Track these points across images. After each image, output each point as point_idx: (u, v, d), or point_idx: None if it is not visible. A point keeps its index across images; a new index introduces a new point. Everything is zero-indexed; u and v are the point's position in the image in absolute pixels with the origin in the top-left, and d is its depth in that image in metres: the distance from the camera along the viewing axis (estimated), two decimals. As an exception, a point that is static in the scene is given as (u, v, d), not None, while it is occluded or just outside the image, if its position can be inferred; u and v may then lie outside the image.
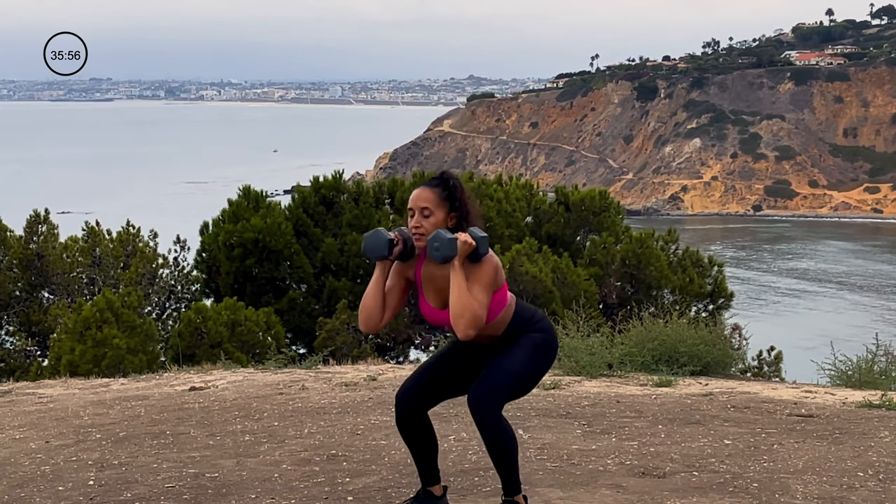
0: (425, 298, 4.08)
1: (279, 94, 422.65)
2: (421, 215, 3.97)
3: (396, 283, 4.09)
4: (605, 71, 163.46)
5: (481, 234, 3.94)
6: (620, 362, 8.63)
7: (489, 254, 3.94)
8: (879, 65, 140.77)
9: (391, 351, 16.04)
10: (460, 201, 4.01)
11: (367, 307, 4.06)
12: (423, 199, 3.98)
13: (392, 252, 4.01)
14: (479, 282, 3.90)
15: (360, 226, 16.83)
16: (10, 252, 15.70)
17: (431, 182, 4.04)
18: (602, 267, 16.65)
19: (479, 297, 3.88)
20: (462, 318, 3.83)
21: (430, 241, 3.88)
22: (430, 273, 4.03)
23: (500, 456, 4.01)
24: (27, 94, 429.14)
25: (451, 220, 3.99)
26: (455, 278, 3.86)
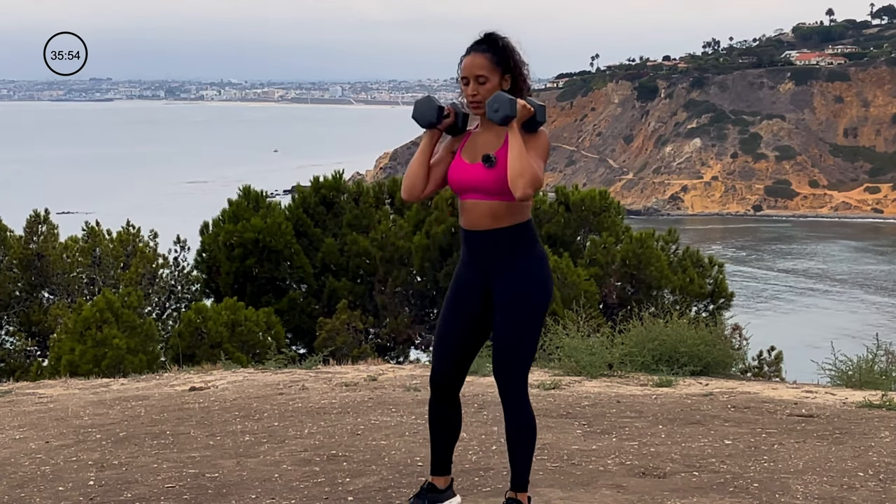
0: (461, 157, 4.00)
1: (279, 94, 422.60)
2: (477, 83, 3.92)
3: (444, 158, 4.04)
4: (605, 71, 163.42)
5: (539, 102, 3.90)
6: (620, 362, 8.63)
7: (543, 128, 3.91)
8: (880, 65, 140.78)
9: (391, 351, 16.04)
10: (514, 62, 3.96)
11: (411, 174, 4.01)
12: (478, 66, 3.92)
13: (441, 120, 3.97)
14: (536, 150, 3.87)
15: (360, 226, 16.84)
16: (10, 252, 15.71)
17: (480, 47, 3.96)
18: (602, 267, 16.65)
19: (536, 161, 3.84)
20: (522, 177, 3.76)
21: (490, 102, 3.83)
22: (473, 140, 4.00)
23: (518, 442, 3.99)
24: (27, 94, 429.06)
25: (505, 83, 3.95)
26: (514, 140, 3.80)
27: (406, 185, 4.03)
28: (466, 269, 4.06)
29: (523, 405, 3.99)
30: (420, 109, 3.99)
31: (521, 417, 3.98)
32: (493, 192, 3.90)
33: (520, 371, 3.96)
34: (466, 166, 3.95)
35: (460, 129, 4.03)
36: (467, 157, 3.98)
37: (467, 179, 3.95)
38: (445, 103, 4.03)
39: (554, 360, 8.79)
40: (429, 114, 3.97)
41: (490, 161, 3.88)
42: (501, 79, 3.94)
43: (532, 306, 3.96)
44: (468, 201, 3.97)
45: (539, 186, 3.80)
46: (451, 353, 4.09)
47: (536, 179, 3.78)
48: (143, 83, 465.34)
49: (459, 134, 4.05)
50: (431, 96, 4.04)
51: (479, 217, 3.95)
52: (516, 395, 3.97)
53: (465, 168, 3.96)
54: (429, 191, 4.04)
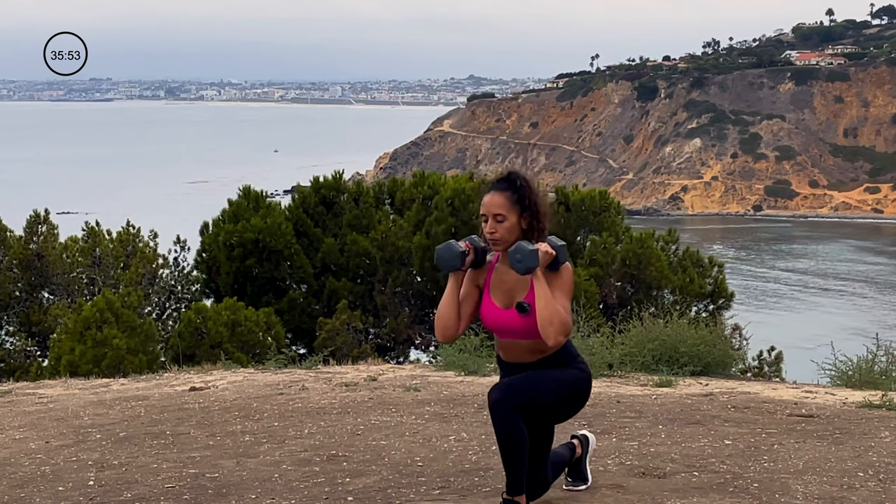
0: (490, 298, 4.11)
1: (279, 94, 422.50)
2: (495, 221, 4.03)
3: (470, 293, 4.15)
4: (605, 71, 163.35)
5: (560, 242, 4.02)
6: (621, 362, 8.63)
7: (567, 263, 4.02)
8: (879, 65, 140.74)
9: (391, 351, 16.04)
10: (531, 202, 4.06)
11: (443, 317, 4.12)
12: (496, 206, 4.04)
13: (464, 263, 4.08)
14: (561, 289, 3.99)
15: (360, 226, 16.83)
16: (10, 252, 15.70)
17: (500, 185, 4.08)
18: (602, 267, 16.64)
19: (563, 303, 3.96)
20: (552, 325, 3.90)
21: (512, 253, 3.95)
22: (499, 277, 4.10)
23: (506, 451, 4.03)
24: (27, 94, 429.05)
25: (524, 222, 4.05)
26: (540, 287, 3.92)
27: (440, 328, 4.14)
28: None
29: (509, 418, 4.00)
30: (443, 257, 4.10)
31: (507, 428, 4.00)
32: (531, 333, 4.04)
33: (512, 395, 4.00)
34: (500, 312, 4.08)
35: (481, 262, 4.13)
36: (498, 301, 4.10)
37: (504, 325, 4.09)
38: (463, 241, 4.11)
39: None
40: (453, 260, 4.08)
41: (525, 310, 4.01)
42: (520, 217, 4.05)
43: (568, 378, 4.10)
44: (507, 340, 4.12)
45: (569, 331, 3.95)
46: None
47: (566, 326, 3.93)
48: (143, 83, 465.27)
49: (480, 266, 4.15)
50: (451, 242, 4.13)
51: (519, 353, 4.12)
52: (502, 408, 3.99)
53: (499, 314, 4.09)
54: (462, 328, 4.17)
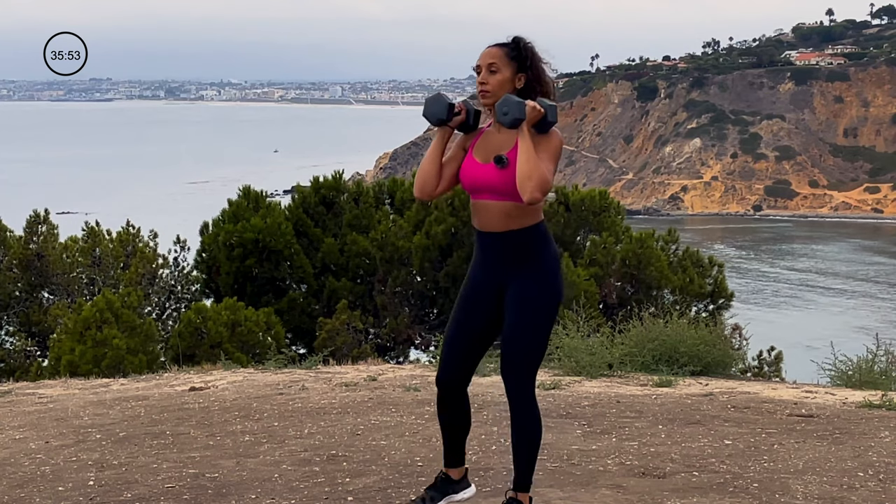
0: (472, 155, 3.98)
1: (279, 94, 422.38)
2: (488, 72, 3.91)
3: (456, 155, 4.02)
4: (605, 71, 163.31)
5: (550, 102, 3.87)
6: (620, 362, 8.63)
7: (555, 128, 3.89)
8: (879, 65, 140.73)
9: (391, 351, 16.04)
10: (531, 62, 3.94)
11: (423, 171, 3.98)
12: (490, 56, 3.92)
13: (451, 117, 3.94)
14: (547, 151, 3.84)
15: (360, 226, 16.83)
16: (10, 252, 15.70)
17: (500, 42, 3.96)
18: (602, 267, 16.64)
19: (546, 165, 3.81)
20: (531, 179, 3.74)
21: (499, 105, 3.80)
22: (486, 139, 3.97)
23: (522, 442, 3.99)
24: (27, 94, 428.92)
25: (519, 81, 3.93)
26: (524, 142, 3.78)
27: (418, 182, 4.00)
28: (480, 269, 4.05)
29: (530, 405, 3.98)
30: (430, 107, 3.96)
31: (526, 418, 3.98)
32: (505, 193, 3.88)
33: (527, 371, 3.96)
34: (478, 166, 3.94)
35: (472, 127, 4.01)
36: (479, 157, 3.96)
37: (479, 179, 3.93)
38: (457, 100, 4.02)
39: (554, 360, 8.79)
40: (439, 111, 3.94)
41: (502, 162, 3.86)
42: (515, 75, 3.92)
43: (542, 308, 3.95)
44: (480, 202, 3.95)
45: (548, 189, 3.78)
46: (462, 351, 4.08)
47: (545, 182, 3.76)
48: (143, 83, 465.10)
49: (471, 132, 4.03)
50: (442, 93, 4.01)
51: (490, 218, 3.93)
52: (523, 395, 3.97)
53: (476, 167, 3.94)
54: (441, 189, 4.02)
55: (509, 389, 3.98)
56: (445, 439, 4.21)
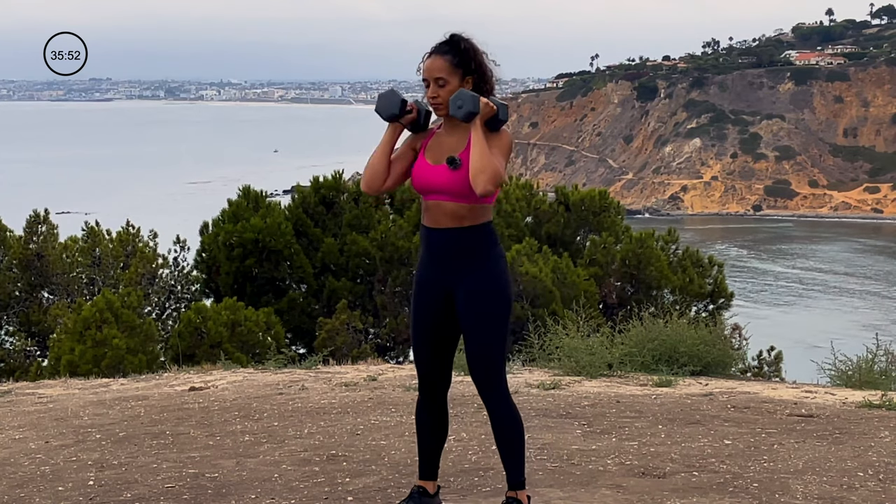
0: (424, 157, 4.00)
1: (279, 94, 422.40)
2: (436, 85, 3.92)
3: (405, 153, 4.04)
4: (605, 71, 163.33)
5: (501, 101, 3.89)
6: (620, 362, 8.63)
7: (506, 127, 3.91)
8: (879, 65, 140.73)
9: (391, 351, 16.04)
10: (476, 63, 3.94)
11: (372, 166, 4.01)
12: (437, 69, 3.91)
13: (403, 114, 3.96)
14: (498, 148, 3.87)
15: (360, 226, 16.83)
16: (10, 252, 15.71)
17: (441, 48, 3.94)
18: (602, 267, 16.65)
19: (498, 159, 3.84)
20: (483, 172, 3.76)
21: (453, 99, 3.83)
22: (438, 140, 3.99)
23: (506, 439, 4.00)
24: (27, 94, 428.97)
25: (466, 85, 3.94)
26: (476, 136, 3.80)
27: (366, 177, 4.03)
28: (427, 270, 4.06)
29: (504, 403, 3.99)
30: (383, 102, 3.97)
31: (503, 416, 3.99)
32: (457, 194, 3.90)
33: (494, 370, 3.96)
34: (430, 167, 3.96)
35: (422, 127, 4.03)
36: (431, 159, 3.98)
37: (431, 181, 3.95)
38: (410, 99, 4.02)
39: (554, 360, 8.79)
40: (391, 106, 3.95)
41: (455, 163, 3.88)
42: (462, 81, 3.94)
43: (495, 305, 3.96)
44: (431, 201, 3.97)
45: (499, 183, 3.81)
46: (427, 355, 4.11)
47: (497, 175, 3.78)
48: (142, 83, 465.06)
49: (422, 132, 4.04)
50: (395, 90, 4.02)
51: (441, 217, 3.95)
52: (495, 393, 3.97)
53: (428, 169, 3.96)
54: (388, 185, 4.04)
55: (481, 392, 3.99)
56: (422, 447, 4.21)
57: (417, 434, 4.21)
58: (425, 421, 4.17)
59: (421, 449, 4.22)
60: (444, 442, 4.23)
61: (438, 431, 4.19)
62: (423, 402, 4.16)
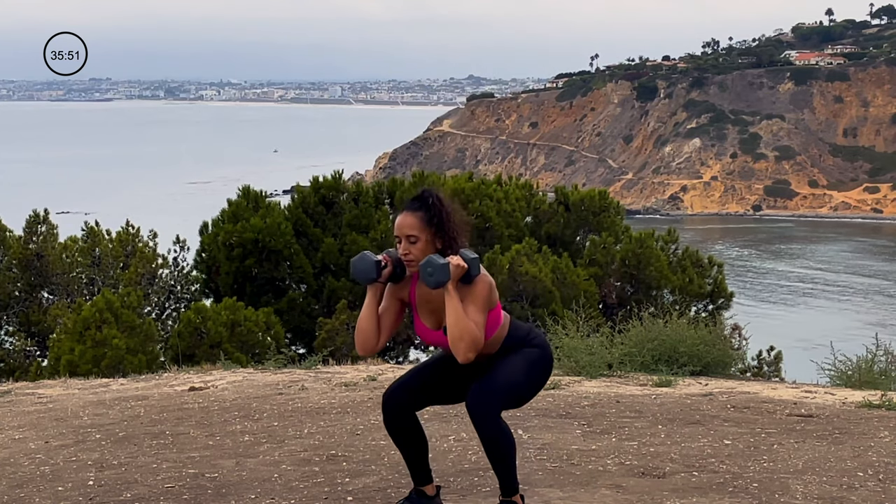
0: (420, 320, 4.08)
1: (279, 94, 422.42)
2: (408, 242, 3.97)
3: (390, 305, 4.09)
4: (604, 71, 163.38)
5: (472, 255, 3.92)
6: (620, 362, 8.63)
7: (482, 273, 3.93)
8: (879, 65, 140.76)
9: (391, 351, 16.03)
10: (443, 221, 3.99)
11: (362, 331, 4.06)
12: (408, 227, 3.97)
13: (381, 274, 4.01)
14: (474, 303, 3.90)
15: (359, 226, 16.83)
16: (10, 252, 15.70)
17: (413, 206, 4.01)
18: (602, 267, 16.65)
19: (475, 317, 3.88)
20: (462, 341, 3.82)
21: (423, 266, 3.87)
22: (424, 294, 4.04)
23: (497, 456, 4.01)
24: (27, 94, 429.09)
25: (438, 242, 3.98)
26: (451, 302, 3.85)
27: (360, 342, 4.07)
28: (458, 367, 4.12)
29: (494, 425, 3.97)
30: (358, 268, 4.01)
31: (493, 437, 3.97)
32: None
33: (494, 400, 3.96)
34: (432, 333, 4.05)
35: (400, 276, 4.07)
36: (428, 322, 4.05)
37: (438, 343, 4.07)
38: (381, 255, 4.05)
39: (554, 361, 8.78)
40: (368, 271, 4.00)
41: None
42: (434, 238, 3.98)
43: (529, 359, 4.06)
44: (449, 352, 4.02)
45: (479, 346, 3.86)
46: (419, 391, 4.16)
47: (475, 342, 3.84)
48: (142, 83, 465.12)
49: (400, 280, 4.08)
50: (366, 253, 4.05)
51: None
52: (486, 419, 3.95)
53: (431, 335, 4.06)
54: (383, 342, 4.10)
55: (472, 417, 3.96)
56: (405, 458, 4.23)
57: (399, 448, 4.22)
58: (396, 435, 4.18)
59: (407, 460, 4.24)
60: (426, 449, 4.23)
61: (416, 441, 4.19)
62: (386, 419, 4.18)
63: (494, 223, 16.90)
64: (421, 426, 4.22)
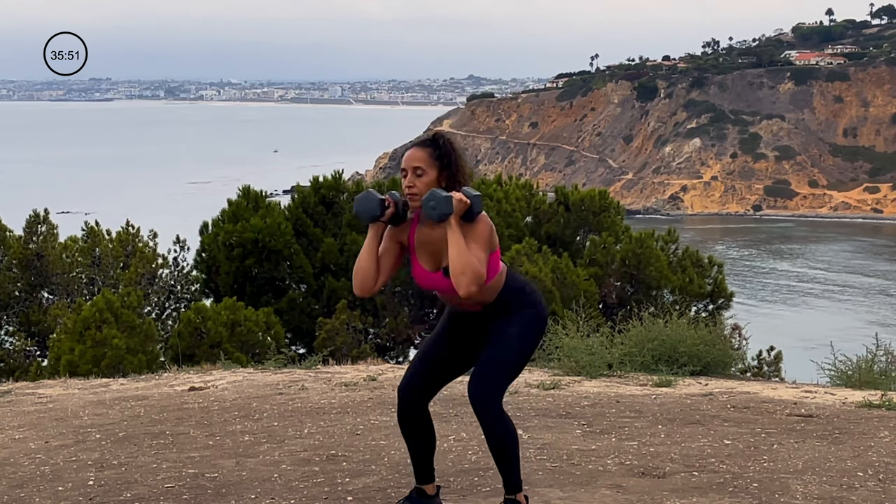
0: (419, 262, 4.07)
1: (279, 94, 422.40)
2: (414, 175, 3.98)
3: (390, 247, 4.08)
4: (604, 71, 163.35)
5: (475, 193, 3.94)
6: (620, 362, 8.63)
7: (483, 214, 3.96)
8: (879, 65, 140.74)
9: (391, 351, 16.04)
10: (452, 161, 4.02)
11: (361, 270, 4.04)
12: (416, 159, 3.98)
13: (384, 213, 4.01)
14: (476, 240, 3.91)
15: (359, 226, 16.82)
16: (10, 252, 15.70)
17: (423, 142, 4.05)
18: (602, 267, 16.64)
19: (477, 254, 3.89)
20: (464, 274, 3.82)
21: (426, 200, 3.88)
22: (424, 237, 4.03)
23: (501, 450, 4.02)
24: (27, 94, 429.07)
25: (442, 180, 4.00)
26: (453, 236, 3.86)
27: (357, 281, 4.06)
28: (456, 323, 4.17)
29: (498, 419, 4.00)
30: (362, 205, 4.02)
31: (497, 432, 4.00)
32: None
33: (493, 390, 3.99)
34: (430, 275, 4.04)
35: (402, 218, 4.08)
36: (426, 264, 4.05)
37: (434, 286, 4.05)
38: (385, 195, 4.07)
39: (553, 360, 8.79)
40: (371, 209, 4.00)
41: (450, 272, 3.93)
42: (439, 175, 4.00)
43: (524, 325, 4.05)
44: (443, 296, 4.09)
45: (482, 281, 3.87)
46: (430, 373, 4.17)
47: (478, 276, 3.84)
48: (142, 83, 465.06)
49: (402, 222, 4.09)
50: (371, 191, 4.07)
51: (458, 305, 4.09)
52: (489, 410, 3.99)
53: (428, 276, 4.04)
54: (381, 283, 4.09)
55: (475, 407, 4.00)
56: (412, 454, 4.24)
57: (407, 443, 4.24)
58: (412, 430, 4.20)
59: (412, 456, 4.25)
60: (433, 446, 4.25)
61: (425, 437, 4.21)
62: (403, 412, 4.19)
63: (494, 223, 16.89)
64: (432, 422, 4.23)
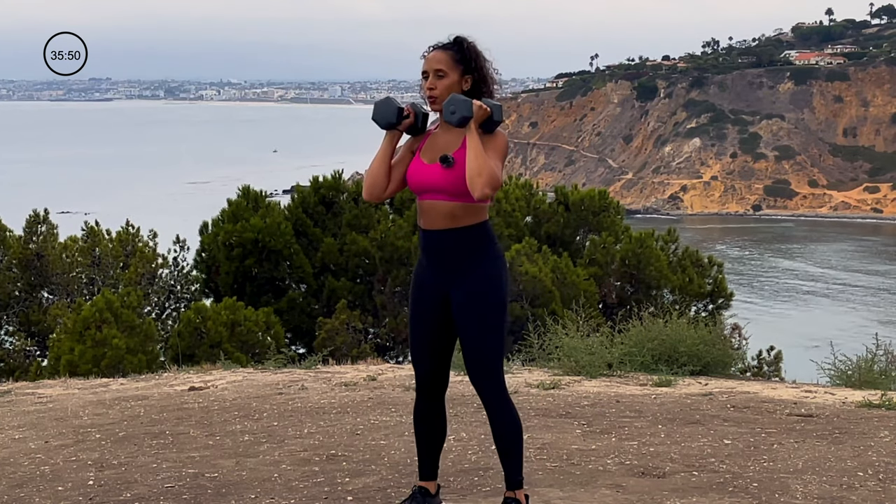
0: (419, 157, 4.00)
1: (279, 94, 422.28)
2: (435, 77, 3.92)
3: (405, 157, 4.04)
4: (604, 71, 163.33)
5: (495, 102, 3.89)
6: (620, 362, 8.63)
7: (500, 129, 3.91)
8: (879, 64, 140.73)
9: (391, 351, 16.04)
10: (476, 63, 3.95)
11: (372, 173, 4.01)
12: (437, 61, 3.92)
13: (401, 121, 3.97)
14: (494, 150, 3.86)
15: (359, 226, 16.83)
16: (10, 252, 15.70)
17: (446, 45, 3.97)
18: (602, 267, 16.65)
19: (494, 162, 3.83)
20: (480, 176, 3.76)
21: (446, 104, 3.83)
22: (433, 140, 3.98)
23: (506, 441, 4.00)
24: (27, 94, 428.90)
25: (465, 83, 3.94)
26: (472, 140, 3.80)
27: (367, 184, 4.03)
28: (424, 270, 4.07)
29: (505, 405, 4.00)
30: (380, 110, 3.98)
31: (503, 419, 4.00)
32: (451, 193, 3.91)
33: (492, 371, 3.97)
34: (425, 167, 3.96)
35: (420, 130, 4.04)
36: (426, 158, 3.98)
37: (425, 180, 3.95)
38: (405, 103, 4.03)
39: (553, 360, 8.79)
40: (388, 114, 3.96)
41: (448, 161, 3.88)
42: (461, 78, 3.94)
43: (490, 305, 3.96)
44: (426, 202, 3.98)
45: (497, 186, 3.81)
46: (425, 356, 4.12)
47: (495, 179, 3.78)
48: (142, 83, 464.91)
49: (420, 134, 4.05)
50: (391, 97, 4.03)
51: (436, 217, 3.95)
52: (494, 395, 3.98)
53: (423, 168, 3.97)
54: (390, 191, 4.05)
55: (480, 394, 4.00)
56: (421, 448, 4.22)
57: (416, 435, 4.22)
58: (423, 422, 4.18)
59: (420, 450, 4.23)
60: (443, 442, 4.24)
61: (437, 432, 4.19)
62: (420, 403, 4.18)
63: (494, 223, 16.90)
64: (446, 416, 4.21)
